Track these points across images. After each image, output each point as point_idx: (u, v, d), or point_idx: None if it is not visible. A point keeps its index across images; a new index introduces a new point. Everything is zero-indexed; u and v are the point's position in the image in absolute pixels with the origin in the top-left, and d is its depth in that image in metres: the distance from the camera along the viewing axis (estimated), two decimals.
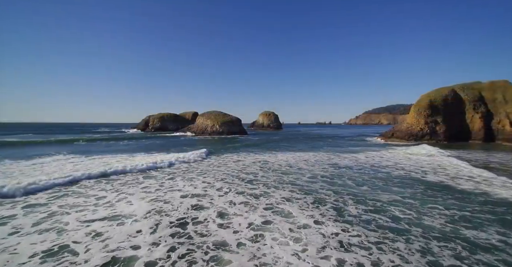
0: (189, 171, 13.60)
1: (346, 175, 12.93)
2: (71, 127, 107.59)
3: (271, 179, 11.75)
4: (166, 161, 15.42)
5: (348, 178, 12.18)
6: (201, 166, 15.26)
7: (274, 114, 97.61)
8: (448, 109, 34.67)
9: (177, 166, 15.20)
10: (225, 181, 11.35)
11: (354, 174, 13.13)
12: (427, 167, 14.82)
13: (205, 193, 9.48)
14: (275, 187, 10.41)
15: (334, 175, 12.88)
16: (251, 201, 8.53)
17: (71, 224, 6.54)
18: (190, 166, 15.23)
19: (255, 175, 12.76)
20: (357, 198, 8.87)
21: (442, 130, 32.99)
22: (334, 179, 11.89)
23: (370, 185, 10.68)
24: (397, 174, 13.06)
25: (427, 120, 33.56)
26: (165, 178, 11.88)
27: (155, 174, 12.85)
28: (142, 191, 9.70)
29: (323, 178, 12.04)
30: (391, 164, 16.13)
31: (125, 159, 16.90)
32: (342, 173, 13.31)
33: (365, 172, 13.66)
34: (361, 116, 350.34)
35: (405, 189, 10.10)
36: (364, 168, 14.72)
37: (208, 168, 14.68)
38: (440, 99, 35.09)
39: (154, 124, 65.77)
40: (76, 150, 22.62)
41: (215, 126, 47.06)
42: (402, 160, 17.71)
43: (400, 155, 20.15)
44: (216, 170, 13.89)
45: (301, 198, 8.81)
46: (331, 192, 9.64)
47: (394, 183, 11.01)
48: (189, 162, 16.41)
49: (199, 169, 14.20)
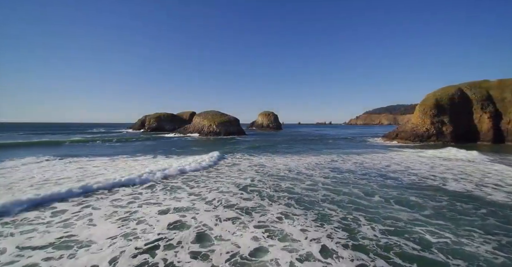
0: (173, 178, 12.04)
1: (350, 181, 11.40)
2: (68, 127, 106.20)
3: (267, 187, 10.20)
4: (146, 174, 11.56)
5: (353, 185, 10.64)
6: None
7: (274, 114, 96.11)
8: (455, 109, 33.16)
9: (158, 176, 13.06)
10: (214, 190, 9.80)
11: (360, 180, 11.59)
12: (447, 172, 13.19)
13: (191, 206, 7.91)
14: (271, 197, 8.88)
15: (337, 182, 11.35)
16: (242, 217, 7.00)
17: (4, 255, 4.99)
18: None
19: (252, 180, 11.21)
20: (369, 213, 7.33)
21: (449, 131, 31.47)
22: (338, 187, 10.36)
23: (382, 195, 9.14)
24: (410, 180, 11.51)
25: (433, 121, 32.04)
26: (141, 188, 10.32)
27: (128, 190, 11.26)
28: (111, 204, 8.13)
29: (325, 186, 10.50)
30: (401, 168, 14.59)
31: (103, 163, 15.35)
32: (346, 179, 11.78)
33: (372, 178, 12.12)
34: (362, 117, 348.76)
35: (425, 200, 8.55)
36: (370, 173, 13.19)
37: (196, 173, 13.13)
38: (447, 98, 33.58)
39: (150, 125, 64.15)
40: (57, 153, 21.05)
41: (212, 127, 45.46)
42: (414, 163, 16.15)
43: (410, 158, 18.59)
44: (206, 177, 12.32)
45: (301, 214, 7.26)
46: (336, 205, 8.11)
47: (410, 193, 9.47)
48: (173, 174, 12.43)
49: (184, 175, 12.65)
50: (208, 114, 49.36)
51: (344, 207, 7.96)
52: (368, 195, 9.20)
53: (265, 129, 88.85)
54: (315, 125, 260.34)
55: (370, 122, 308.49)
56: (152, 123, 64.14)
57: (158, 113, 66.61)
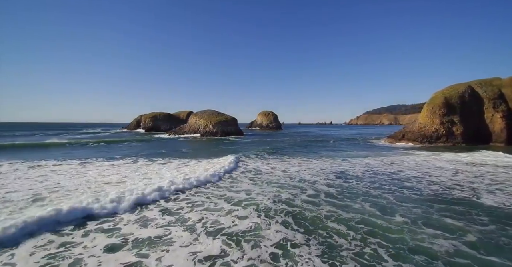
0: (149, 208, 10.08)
1: (359, 191, 9.46)
2: (65, 127, 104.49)
3: (259, 200, 8.24)
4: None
5: (364, 197, 8.69)
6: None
7: (274, 114, 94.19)
8: (466, 108, 31.12)
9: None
10: (197, 206, 7.86)
11: (371, 190, 9.63)
12: (475, 181, 11.06)
13: (163, 234, 5.90)
14: (268, 211, 6.92)
15: (344, 191, 9.40)
16: (227, 250, 5.05)
17: None
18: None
19: (246, 193, 9.23)
20: (392, 242, 5.37)
21: (460, 132, 29.42)
22: (345, 199, 8.43)
23: (404, 213, 7.16)
24: (432, 191, 9.53)
25: (443, 120, 30.00)
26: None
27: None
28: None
29: (328, 199, 8.54)
30: (417, 174, 12.61)
31: (69, 170, 13.41)
32: (353, 188, 9.84)
33: (385, 187, 10.16)
34: (362, 117, 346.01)
35: (463, 222, 6.57)
36: (381, 181, 11.23)
37: (180, 196, 11.17)
38: (456, 96, 31.54)
39: (146, 124, 62.20)
40: (23, 156, 19.14)
41: (208, 127, 43.48)
42: (430, 168, 14.16)
43: (425, 162, 16.57)
44: (192, 197, 10.36)
45: (301, 243, 5.31)
46: (345, 226, 6.18)
47: (439, 209, 7.49)
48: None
49: (161, 203, 10.68)
50: (204, 113, 47.40)
51: (356, 229, 6.01)
52: (385, 212, 7.23)
53: (265, 129, 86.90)
54: (316, 125, 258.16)
55: (371, 123, 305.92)
56: (148, 123, 62.19)
57: (154, 113, 64.64)
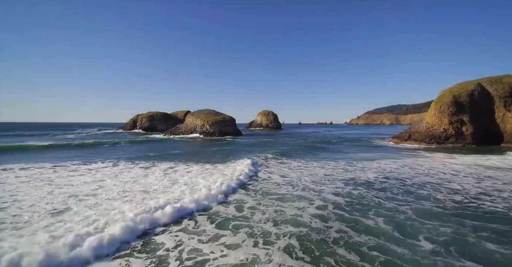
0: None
1: (372, 202, 7.94)
2: (61, 127, 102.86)
3: (258, 218, 6.68)
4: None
5: (376, 210, 7.19)
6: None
7: (273, 114, 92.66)
8: (475, 106, 29.53)
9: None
10: (175, 225, 6.29)
11: (384, 201, 8.10)
12: (506, 189, 9.49)
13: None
14: (267, 235, 5.36)
15: (354, 203, 7.88)
16: None
17: None
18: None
19: (238, 209, 7.63)
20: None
21: (470, 132, 27.84)
22: (355, 213, 6.96)
23: (429, 235, 5.59)
24: (457, 203, 7.95)
25: (452, 120, 28.41)
26: None
27: None
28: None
29: (337, 211, 7.01)
30: (434, 181, 11.04)
31: (27, 177, 11.84)
32: (365, 198, 8.31)
33: (399, 196, 8.63)
34: (363, 117, 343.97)
35: (505, 246, 5.02)
36: (394, 188, 9.71)
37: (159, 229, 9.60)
38: (466, 95, 29.95)
39: (142, 124, 60.61)
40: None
41: (205, 126, 41.88)
42: (447, 173, 12.57)
43: (440, 166, 14.97)
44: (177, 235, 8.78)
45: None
46: (357, 254, 4.66)
47: (473, 229, 5.91)
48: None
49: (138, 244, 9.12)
50: (201, 113, 45.79)
51: (370, 260, 4.47)
52: (404, 233, 5.68)
53: (264, 129, 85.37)
54: (316, 125, 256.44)
55: (372, 122, 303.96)
56: (144, 123, 60.60)
57: (151, 112, 63.03)
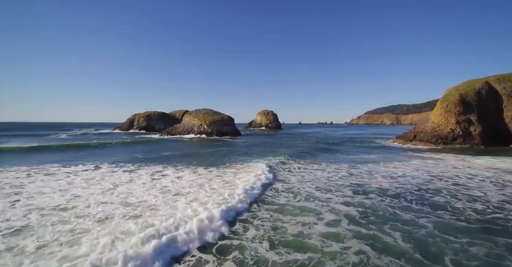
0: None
1: (387, 213, 6.86)
2: (58, 127, 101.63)
3: (260, 237, 5.50)
4: None
5: (392, 222, 6.12)
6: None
7: (273, 114, 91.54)
8: (483, 106, 28.38)
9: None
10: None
11: (399, 211, 7.00)
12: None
13: None
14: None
15: (367, 213, 6.79)
16: None
17: None
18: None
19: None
20: None
21: (478, 132, 26.67)
22: (371, 226, 5.86)
23: (456, 256, 4.46)
24: (479, 212, 6.76)
25: (459, 120, 27.26)
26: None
27: None
28: None
29: (352, 227, 5.83)
30: (450, 186, 9.87)
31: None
32: (378, 209, 7.17)
33: (416, 206, 7.50)
34: (363, 116, 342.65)
35: None
36: (406, 194, 8.61)
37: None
38: (473, 93, 28.80)
39: (139, 124, 59.46)
40: None
41: (203, 126, 40.70)
42: (462, 178, 11.38)
43: (454, 169, 13.80)
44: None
45: None
46: None
47: (507, 248, 4.77)
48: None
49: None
50: (199, 112, 44.60)
51: None
52: (428, 254, 4.56)
53: (264, 129, 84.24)
54: (316, 125, 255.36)
55: (372, 122, 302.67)
56: (141, 123, 59.45)
57: (148, 112, 61.86)
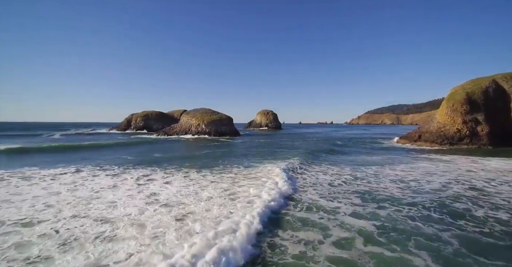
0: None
1: (408, 226, 5.88)
2: (58, 127, 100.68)
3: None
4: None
5: (415, 237, 5.16)
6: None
7: (273, 113, 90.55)
8: (490, 104, 27.36)
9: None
10: None
11: (420, 224, 6.01)
12: None
13: None
14: None
15: (385, 227, 5.72)
16: None
17: None
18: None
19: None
20: None
21: (485, 132, 25.65)
22: (396, 247, 4.74)
23: None
24: (504, 224, 5.80)
25: (465, 119, 26.24)
26: None
27: None
28: None
29: (369, 248, 4.80)
30: (468, 192, 8.84)
31: None
32: (394, 220, 6.19)
33: (433, 213, 6.63)
34: (363, 116, 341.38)
35: None
36: (424, 203, 7.60)
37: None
38: (480, 92, 27.78)
39: (137, 124, 58.45)
40: None
41: (201, 126, 39.69)
42: (480, 181, 10.36)
43: (468, 172, 12.78)
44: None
45: None
46: None
47: None
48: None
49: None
50: (197, 112, 43.60)
51: None
52: None
53: (264, 129, 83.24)
54: (317, 125, 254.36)
55: (372, 122, 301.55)
56: (139, 123, 58.45)
57: (146, 112, 60.86)
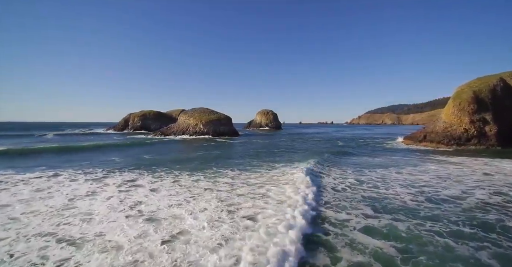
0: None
1: (438, 247, 4.85)
2: (56, 127, 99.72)
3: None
4: None
5: (453, 265, 4.07)
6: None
7: (273, 113, 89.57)
8: (498, 103, 26.34)
9: None
10: None
11: (453, 241, 5.03)
12: None
13: None
14: None
15: (412, 252, 4.68)
16: None
17: None
18: None
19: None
20: None
21: (494, 132, 24.61)
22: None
23: None
24: None
25: (473, 119, 25.20)
26: None
27: None
28: None
29: None
30: (492, 198, 7.83)
31: None
32: (422, 239, 5.12)
33: (463, 227, 5.63)
34: (364, 116, 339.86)
35: None
36: (445, 214, 6.58)
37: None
38: (487, 90, 26.74)
39: (134, 124, 57.49)
40: None
41: (198, 126, 38.69)
42: (503, 186, 9.39)
43: (484, 175, 11.79)
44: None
45: None
46: None
47: None
48: None
49: None
50: (195, 112, 42.60)
51: None
52: None
53: (264, 129, 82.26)
54: (317, 125, 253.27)
55: (373, 122, 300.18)
56: (137, 122, 57.50)
57: (144, 111, 59.91)
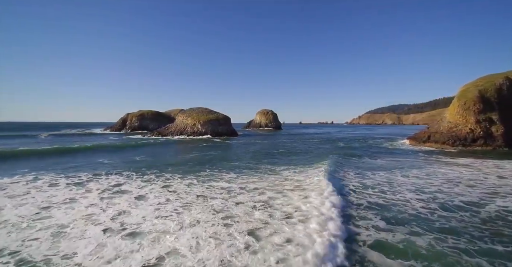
0: None
1: (451, 259, 3.96)
2: (55, 127, 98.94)
3: None
4: None
5: None
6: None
7: (273, 113, 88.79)
8: (504, 103, 25.55)
9: None
10: None
11: (477, 259, 4.11)
12: None
13: None
14: None
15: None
16: None
17: None
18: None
19: None
20: None
21: (500, 132, 23.82)
22: None
23: None
24: None
25: (479, 119, 24.41)
26: None
27: None
28: None
29: None
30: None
31: None
32: (440, 254, 4.26)
33: (492, 244, 4.67)
34: (364, 116, 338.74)
35: None
36: (465, 226, 5.80)
37: None
38: (493, 89, 25.97)
39: (132, 124, 56.70)
40: None
41: (196, 126, 37.91)
42: None
43: (498, 179, 11.02)
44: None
45: None
46: None
47: None
48: None
49: None
50: (193, 111, 41.82)
51: None
52: None
53: (263, 129, 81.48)
54: (317, 125, 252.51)
55: (373, 122, 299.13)
56: (134, 122, 56.71)
57: (141, 111, 59.12)
